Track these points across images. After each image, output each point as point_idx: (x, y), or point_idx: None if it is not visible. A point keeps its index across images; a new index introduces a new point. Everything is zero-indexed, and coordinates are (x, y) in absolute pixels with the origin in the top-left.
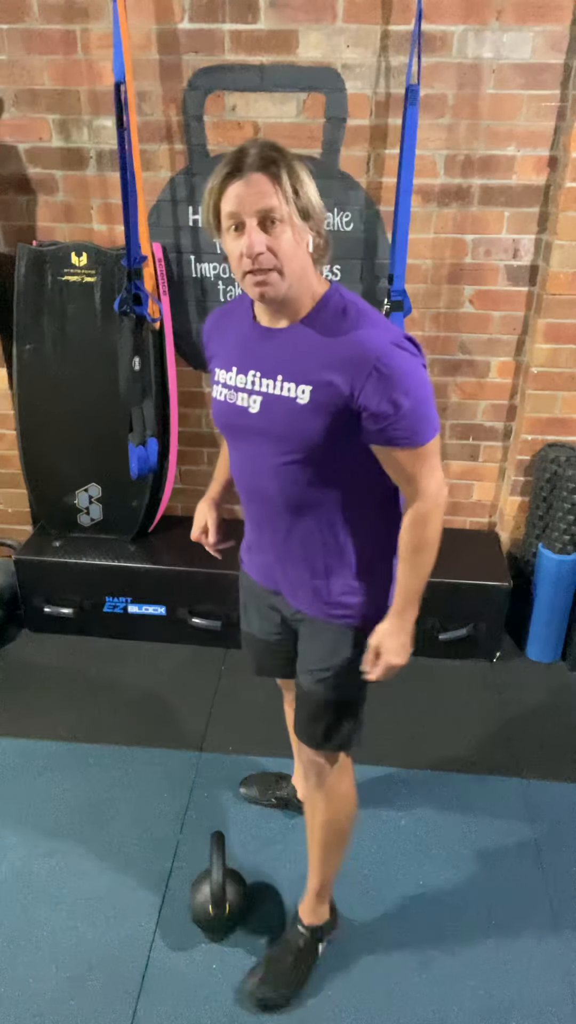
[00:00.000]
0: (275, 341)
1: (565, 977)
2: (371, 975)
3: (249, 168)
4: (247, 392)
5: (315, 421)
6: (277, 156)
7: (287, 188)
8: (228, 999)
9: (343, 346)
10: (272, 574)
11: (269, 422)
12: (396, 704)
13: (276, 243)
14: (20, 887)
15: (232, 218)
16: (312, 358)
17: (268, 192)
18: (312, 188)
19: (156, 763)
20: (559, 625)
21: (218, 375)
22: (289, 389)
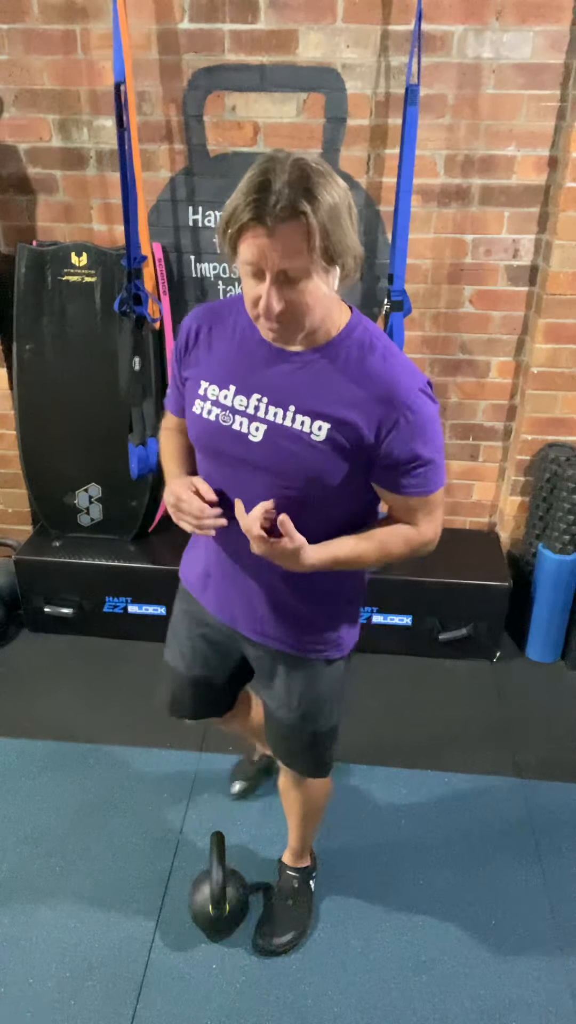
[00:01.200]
0: (288, 365)
1: (565, 977)
2: (371, 975)
3: (274, 218)
4: (247, 417)
5: (329, 461)
6: (306, 201)
7: (315, 242)
8: (228, 999)
9: (370, 385)
10: (232, 608)
11: (272, 455)
12: (396, 704)
13: (296, 299)
14: (20, 887)
15: (251, 265)
16: (333, 392)
17: (293, 249)
18: (347, 227)
19: (156, 763)
20: (559, 625)
21: (207, 390)
22: (303, 423)
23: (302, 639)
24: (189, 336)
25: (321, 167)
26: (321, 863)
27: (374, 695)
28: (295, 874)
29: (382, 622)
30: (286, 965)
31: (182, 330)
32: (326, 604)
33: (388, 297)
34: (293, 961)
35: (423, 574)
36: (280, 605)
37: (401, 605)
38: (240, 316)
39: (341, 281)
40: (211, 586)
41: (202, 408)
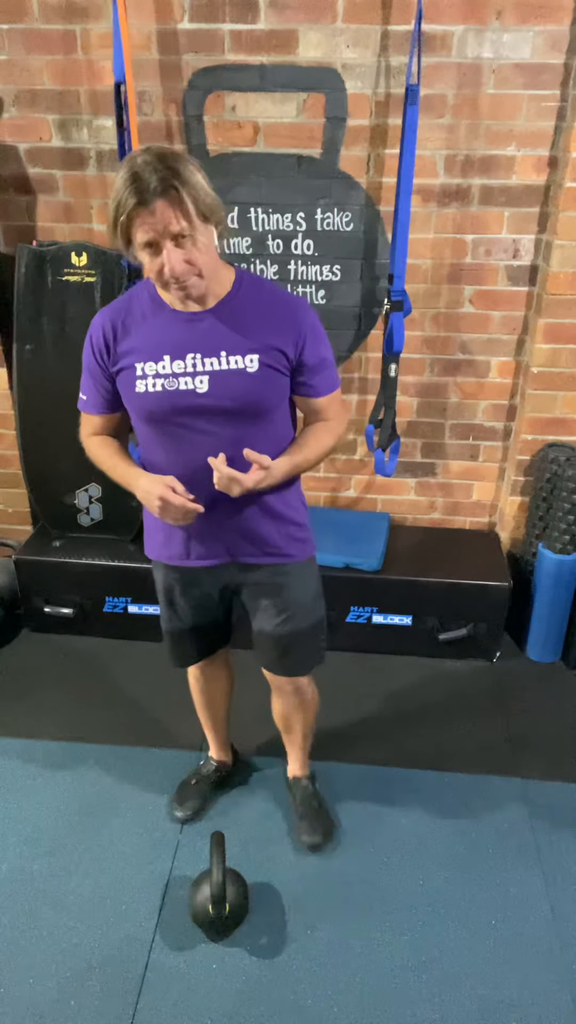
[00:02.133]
0: (204, 323)
1: (565, 977)
2: (371, 975)
3: (153, 195)
4: (190, 375)
5: (266, 384)
6: (171, 177)
7: (189, 207)
8: (228, 999)
9: (274, 313)
10: (224, 547)
11: (219, 397)
12: (396, 704)
13: (190, 255)
14: (20, 887)
15: (148, 244)
16: (249, 329)
17: (175, 216)
18: (206, 188)
19: (156, 763)
20: (559, 625)
21: (145, 368)
22: (236, 361)
23: (288, 544)
24: (106, 336)
25: (171, 149)
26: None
27: (374, 695)
28: (308, 781)
29: (382, 622)
30: (286, 965)
31: (96, 334)
32: (293, 507)
33: (388, 297)
34: (293, 961)
35: (423, 574)
36: (265, 521)
37: (401, 605)
38: (143, 304)
39: (219, 234)
40: (194, 544)
41: (145, 385)
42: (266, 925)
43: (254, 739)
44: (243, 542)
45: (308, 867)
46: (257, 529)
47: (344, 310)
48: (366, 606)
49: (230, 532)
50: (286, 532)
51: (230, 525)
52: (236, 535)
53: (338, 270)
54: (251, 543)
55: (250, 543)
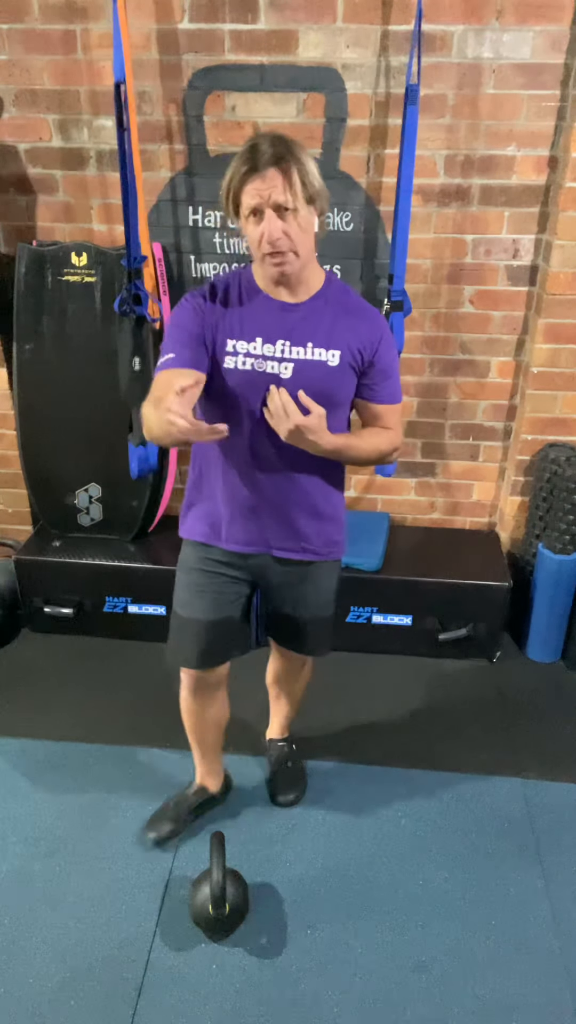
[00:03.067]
0: (297, 314)
1: (565, 977)
2: (371, 975)
3: (264, 165)
4: (277, 360)
5: (343, 379)
6: (286, 152)
7: (296, 182)
8: (228, 999)
9: (357, 316)
10: (261, 536)
11: (300, 384)
12: (396, 704)
13: (289, 229)
14: (20, 887)
15: (252, 209)
16: (335, 326)
17: (282, 187)
18: (316, 175)
19: (156, 763)
20: (559, 625)
21: (236, 346)
22: (320, 354)
23: (321, 546)
24: (207, 301)
25: (292, 137)
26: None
27: (374, 695)
28: (284, 743)
29: (382, 622)
30: (286, 965)
31: (197, 298)
32: (335, 507)
33: (388, 297)
34: (293, 961)
35: (423, 574)
36: (308, 517)
37: (401, 605)
38: (242, 287)
39: (320, 224)
40: (232, 528)
41: (235, 362)
42: (266, 925)
43: (254, 739)
44: (283, 535)
45: (308, 867)
46: (299, 524)
47: None
48: (366, 606)
49: (273, 523)
50: (325, 531)
51: (274, 516)
52: (278, 527)
53: (338, 270)
54: (291, 538)
55: (290, 537)
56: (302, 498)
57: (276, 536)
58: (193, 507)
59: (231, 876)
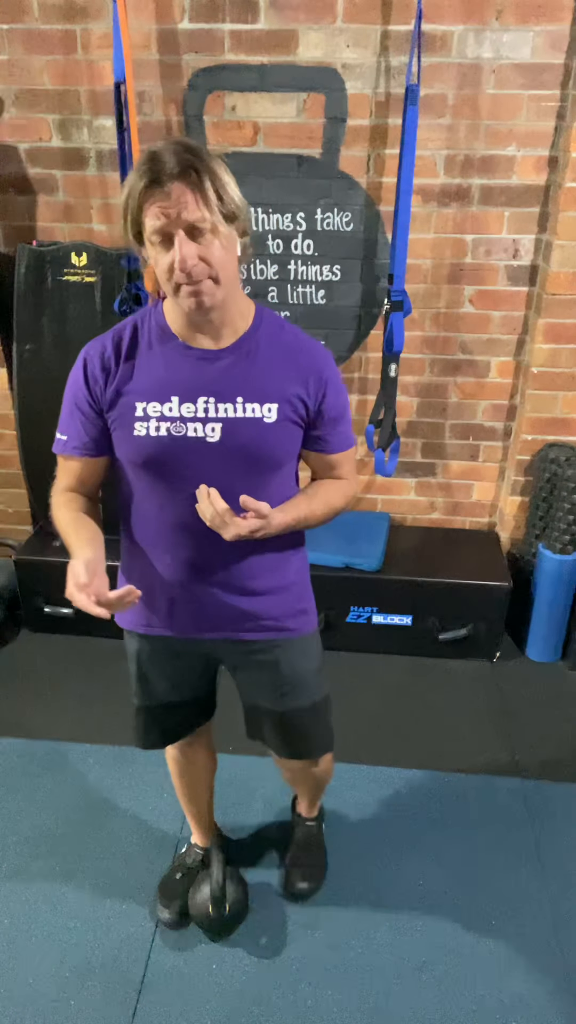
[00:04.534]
0: (222, 362)
1: (565, 977)
2: (371, 975)
3: (169, 178)
4: (200, 421)
5: (282, 437)
6: (195, 160)
7: (210, 195)
8: (228, 999)
9: (296, 359)
10: (213, 620)
11: (234, 447)
12: (396, 704)
13: (207, 252)
14: (20, 887)
15: (158, 232)
16: (269, 374)
17: (193, 203)
18: (233, 187)
19: (156, 763)
20: (559, 625)
21: (147, 409)
22: (254, 410)
23: (287, 618)
24: (104, 363)
25: (198, 144)
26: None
27: (374, 695)
28: (312, 823)
29: (382, 622)
30: (286, 965)
31: (91, 360)
32: (295, 576)
33: (388, 297)
34: (293, 961)
35: (423, 574)
36: (260, 592)
37: (401, 605)
38: (150, 332)
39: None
40: (178, 612)
41: (146, 428)
42: (266, 925)
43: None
44: (236, 615)
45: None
46: (252, 602)
47: (344, 310)
48: (366, 606)
49: (222, 602)
50: (286, 604)
51: (222, 594)
52: (228, 606)
53: (338, 270)
54: (245, 617)
55: (244, 617)
56: (248, 572)
57: (228, 616)
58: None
59: (231, 876)
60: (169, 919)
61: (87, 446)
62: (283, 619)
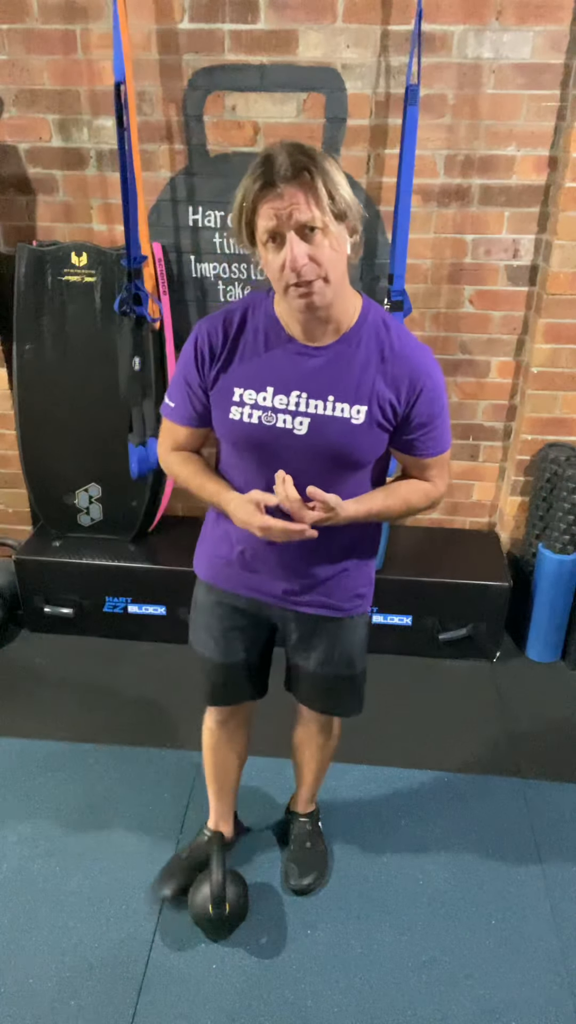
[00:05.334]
0: (319, 360)
1: (565, 977)
2: (371, 975)
3: (282, 179)
4: (290, 414)
5: (368, 439)
6: (307, 161)
7: (322, 195)
8: (228, 999)
9: (395, 363)
10: (281, 588)
11: (317, 444)
12: (396, 704)
13: (317, 252)
14: (20, 887)
15: (270, 233)
16: (364, 376)
17: (304, 203)
18: (345, 186)
19: (156, 763)
20: (559, 625)
21: (244, 396)
22: (343, 410)
23: (344, 600)
24: (212, 343)
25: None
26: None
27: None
28: (307, 819)
29: (382, 622)
30: (286, 965)
31: (202, 338)
32: (365, 564)
33: (388, 297)
34: (293, 961)
35: (423, 574)
36: (324, 572)
37: (401, 605)
38: (259, 322)
39: (351, 243)
40: (248, 572)
41: (240, 413)
42: (266, 925)
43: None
44: (299, 588)
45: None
46: (318, 578)
47: None
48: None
49: (289, 574)
50: (347, 586)
51: (290, 567)
52: (294, 578)
53: None
54: (307, 591)
55: (306, 591)
56: (321, 551)
57: (292, 588)
58: (207, 545)
59: (231, 876)
60: (167, 894)
61: (191, 418)
62: (340, 601)
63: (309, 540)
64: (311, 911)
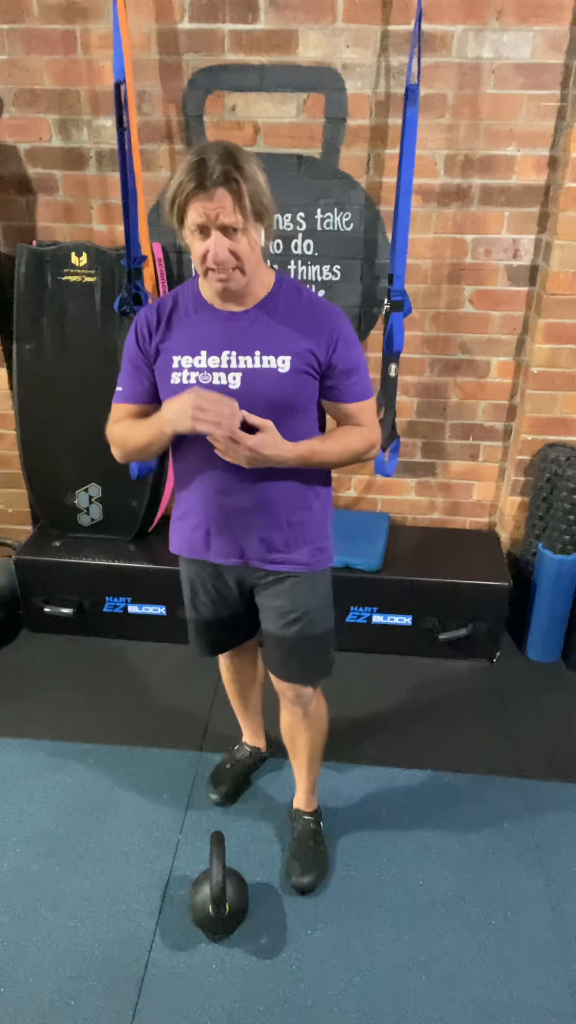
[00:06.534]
0: (242, 322)
1: (565, 977)
2: (372, 975)
3: (213, 184)
4: (224, 371)
5: (296, 385)
6: (235, 171)
7: (245, 201)
8: (228, 999)
9: (310, 318)
10: (238, 547)
11: (250, 394)
12: (396, 704)
13: (236, 247)
14: (20, 887)
15: (198, 227)
16: (285, 331)
17: (230, 207)
18: (264, 187)
19: (156, 763)
20: (559, 625)
21: (181, 362)
22: (269, 361)
23: (305, 556)
24: (149, 326)
25: (239, 147)
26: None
27: (374, 695)
28: (311, 818)
29: (382, 622)
30: (286, 965)
31: (140, 324)
32: (316, 516)
33: (388, 297)
34: (293, 961)
35: (423, 574)
36: (285, 528)
37: (401, 605)
38: (187, 300)
39: (266, 235)
40: (213, 540)
41: (180, 377)
42: (266, 925)
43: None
44: (260, 547)
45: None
46: (272, 535)
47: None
48: (366, 606)
49: (249, 535)
50: (302, 540)
51: (250, 527)
52: (254, 539)
53: (338, 270)
54: (268, 549)
55: (267, 549)
56: (273, 507)
57: (252, 547)
58: (176, 521)
59: (231, 876)
60: (217, 799)
61: (139, 394)
62: (300, 554)
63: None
64: (311, 911)
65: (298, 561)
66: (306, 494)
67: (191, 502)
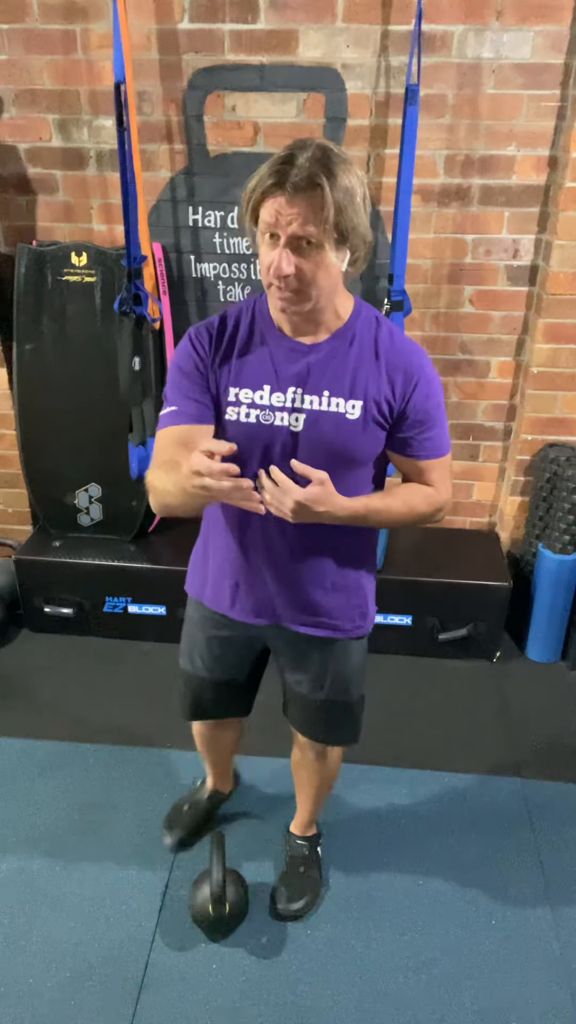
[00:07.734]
0: (313, 356)
1: (565, 977)
2: (371, 975)
3: (293, 186)
4: (287, 411)
5: (364, 434)
6: (324, 176)
7: (329, 213)
8: (228, 999)
9: (387, 359)
10: (270, 607)
11: (315, 438)
12: (396, 704)
13: (306, 266)
14: (20, 887)
15: (268, 228)
16: (358, 372)
17: (307, 217)
18: (359, 206)
19: (156, 763)
20: (559, 625)
21: (240, 395)
22: (338, 404)
23: (345, 620)
24: (212, 339)
25: (343, 154)
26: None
27: (374, 695)
28: (304, 843)
29: (382, 622)
30: (286, 965)
31: (201, 337)
32: (363, 579)
33: (388, 297)
34: (293, 961)
35: (423, 574)
36: (328, 590)
37: (401, 605)
38: (254, 322)
39: (351, 265)
40: (240, 596)
41: (238, 413)
42: (266, 925)
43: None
44: (296, 608)
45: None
46: (315, 598)
47: None
48: None
49: (285, 593)
50: (347, 606)
51: (287, 586)
52: (291, 597)
53: None
54: (305, 611)
55: (304, 611)
56: (319, 568)
57: (288, 607)
58: (199, 566)
59: (231, 876)
60: (171, 844)
61: (196, 414)
62: (340, 620)
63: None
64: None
65: (339, 627)
66: (351, 556)
67: (219, 547)
